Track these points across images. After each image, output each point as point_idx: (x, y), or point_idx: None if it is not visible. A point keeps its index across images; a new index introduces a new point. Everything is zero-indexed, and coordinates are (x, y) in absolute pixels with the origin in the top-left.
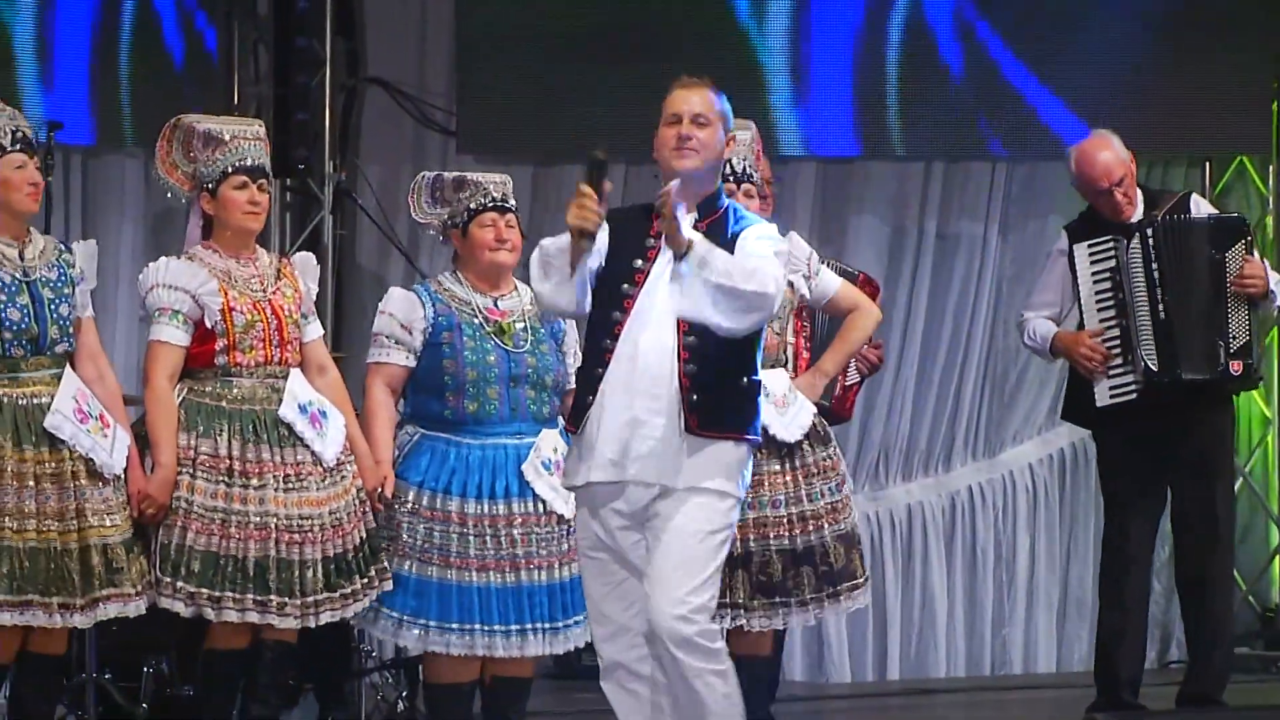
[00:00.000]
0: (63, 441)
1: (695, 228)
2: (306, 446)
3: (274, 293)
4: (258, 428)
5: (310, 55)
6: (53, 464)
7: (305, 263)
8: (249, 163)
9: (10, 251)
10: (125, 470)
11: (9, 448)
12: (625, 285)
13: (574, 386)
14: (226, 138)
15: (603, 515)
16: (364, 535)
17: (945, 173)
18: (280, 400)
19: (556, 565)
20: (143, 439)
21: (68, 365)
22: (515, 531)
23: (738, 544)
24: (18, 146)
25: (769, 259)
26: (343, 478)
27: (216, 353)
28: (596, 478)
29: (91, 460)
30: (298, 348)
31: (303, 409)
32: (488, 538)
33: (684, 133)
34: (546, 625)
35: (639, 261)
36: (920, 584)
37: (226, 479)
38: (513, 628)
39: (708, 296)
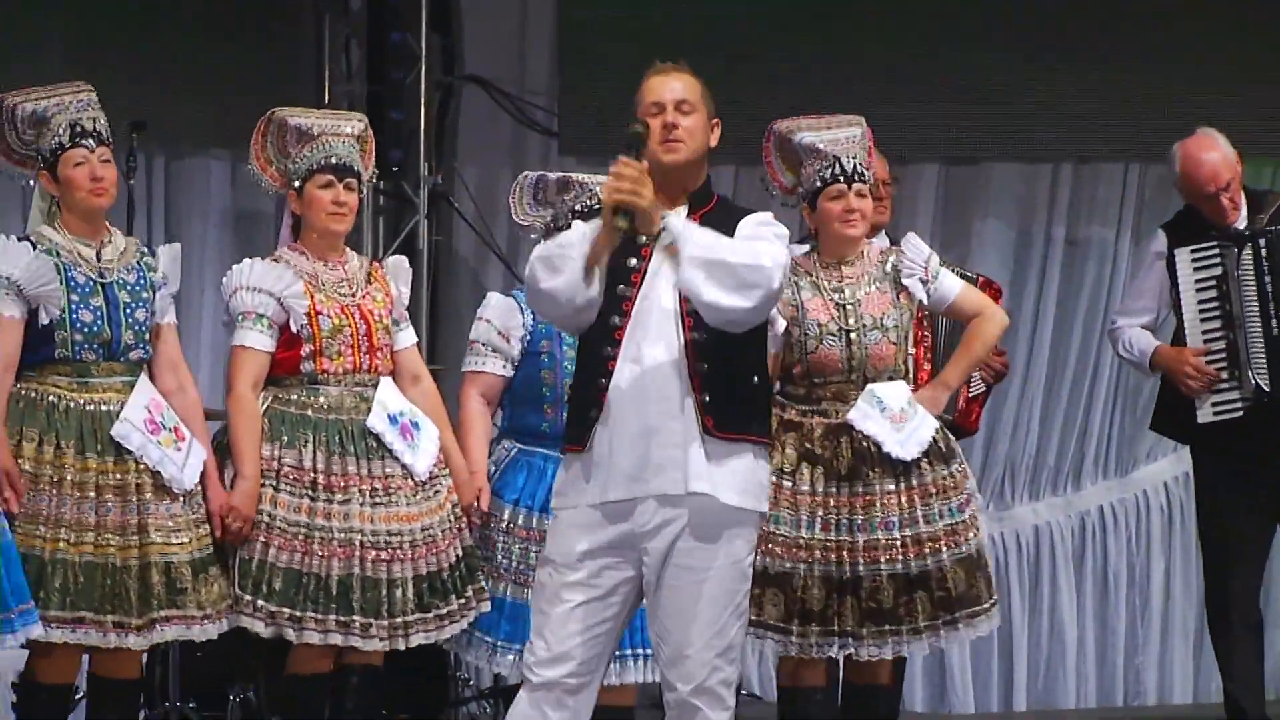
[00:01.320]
0: (129, 452)
1: (689, 219)
2: (396, 459)
3: (363, 297)
4: (344, 439)
5: (405, 51)
6: (117, 475)
7: (397, 266)
8: (335, 161)
9: (86, 251)
10: (203, 488)
11: (70, 455)
12: (621, 287)
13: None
14: (316, 133)
15: (593, 537)
16: (460, 553)
17: (1074, 174)
18: (369, 410)
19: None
20: (224, 449)
21: (143, 373)
22: None
23: (846, 568)
24: (77, 140)
25: (765, 238)
26: (436, 492)
27: (302, 359)
28: (615, 496)
29: (159, 473)
30: (388, 355)
31: (393, 419)
32: None
33: (670, 121)
34: (645, 651)
35: (633, 260)
36: (1048, 609)
37: (310, 492)
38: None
39: (698, 272)
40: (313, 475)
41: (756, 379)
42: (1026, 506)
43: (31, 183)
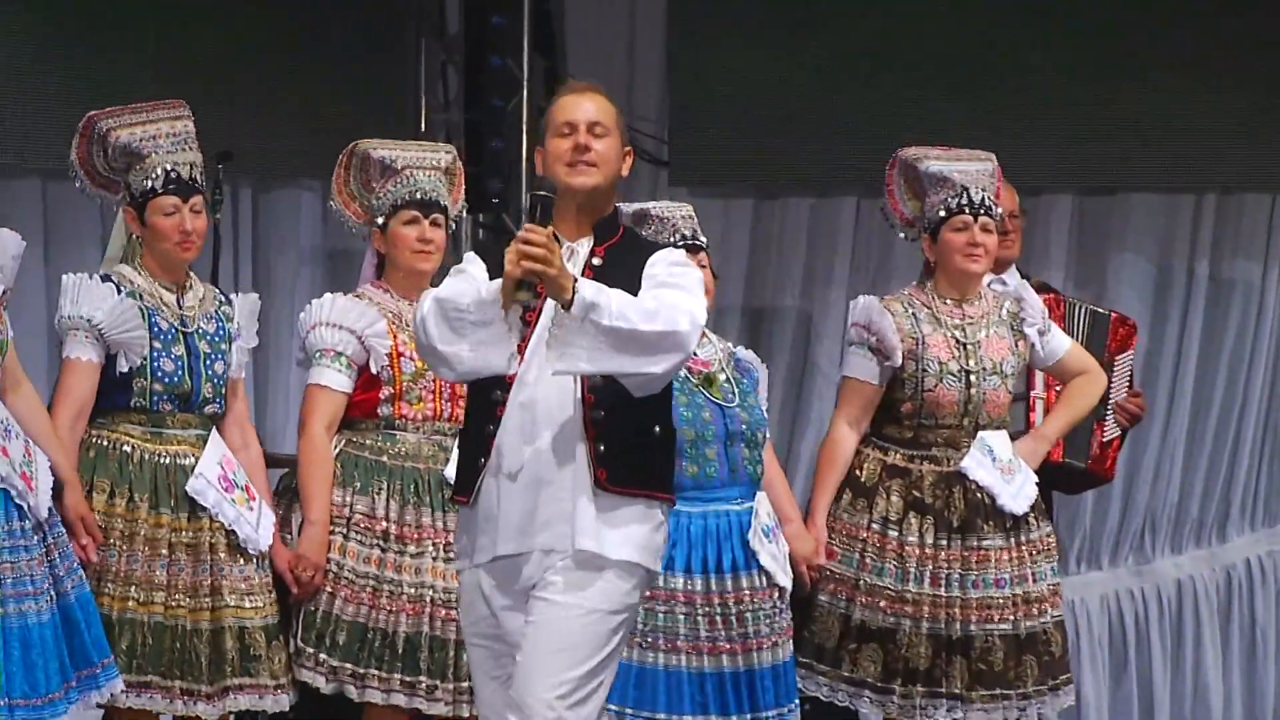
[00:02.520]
0: (203, 509)
1: (592, 253)
2: None
3: None
4: (420, 488)
5: (505, 76)
6: (190, 532)
7: None
8: (420, 195)
9: (169, 297)
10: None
11: (144, 510)
12: None
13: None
14: (399, 166)
15: (492, 596)
16: None
17: (1218, 205)
18: (447, 460)
19: (779, 644)
20: (291, 493)
21: (214, 429)
22: (745, 609)
23: (956, 626)
24: (171, 188)
25: (682, 290)
26: None
27: (380, 402)
28: (505, 550)
29: (234, 533)
30: None
31: None
32: (716, 617)
33: (582, 142)
34: (774, 713)
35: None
36: (1192, 669)
37: (381, 543)
38: (746, 718)
39: (603, 343)
40: (385, 525)
41: (659, 429)
42: (1168, 560)
43: (113, 207)
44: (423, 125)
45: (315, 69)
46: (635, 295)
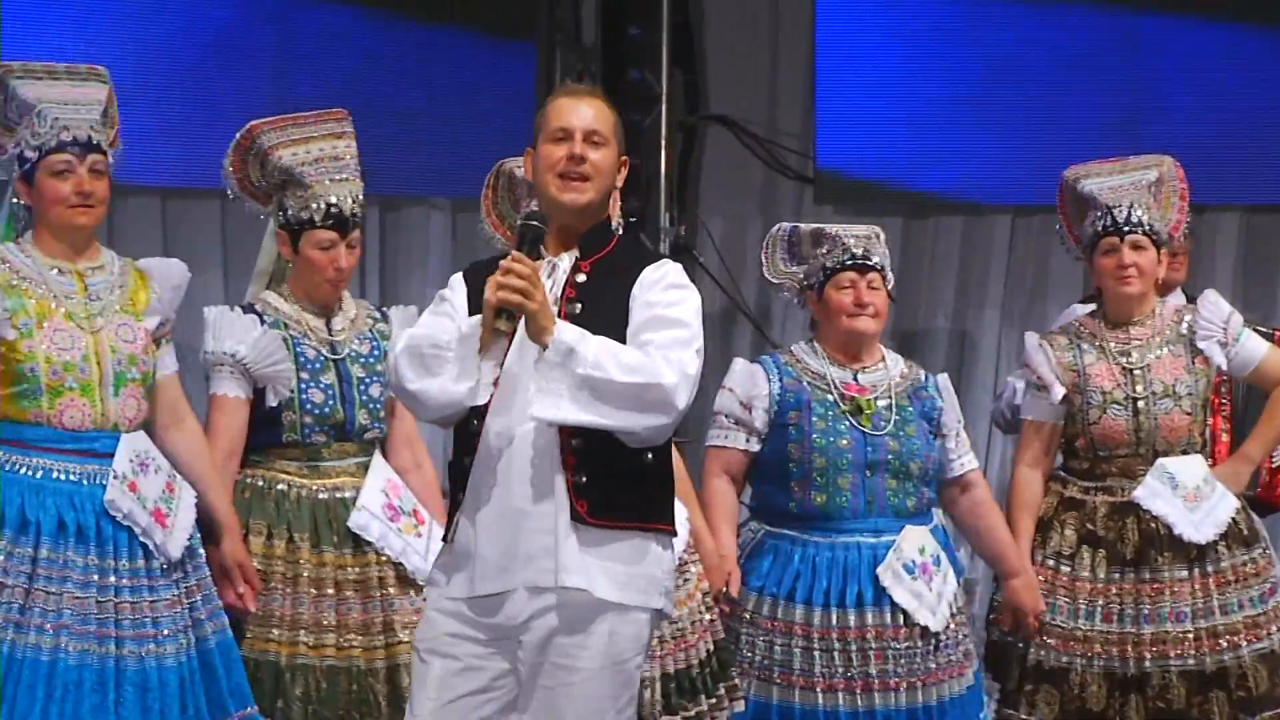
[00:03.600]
0: (369, 543)
1: (577, 267)
2: None
3: None
4: None
5: (644, 90)
6: (356, 569)
7: None
8: None
9: (316, 322)
10: None
11: (306, 550)
12: None
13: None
14: None
15: (464, 625)
16: (710, 648)
17: None
18: None
19: (919, 687)
20: None
21: (377, 453)
22: (869, 646)
23: (1131, 663)
24: (330, 223)
25: (675, 331)
26: (685, 580)
27: None
28: (485, 590)
29: (402, 565)
30: None
31: None
32: (836, 653)
33: (578, 152)
34: None
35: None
36: None
37: None
38: None
39: (580, 393)
40: None
41: (651, 455)
42: None
43: (262, 216)
44: None
45: (445, 81)
46: (619, 309)
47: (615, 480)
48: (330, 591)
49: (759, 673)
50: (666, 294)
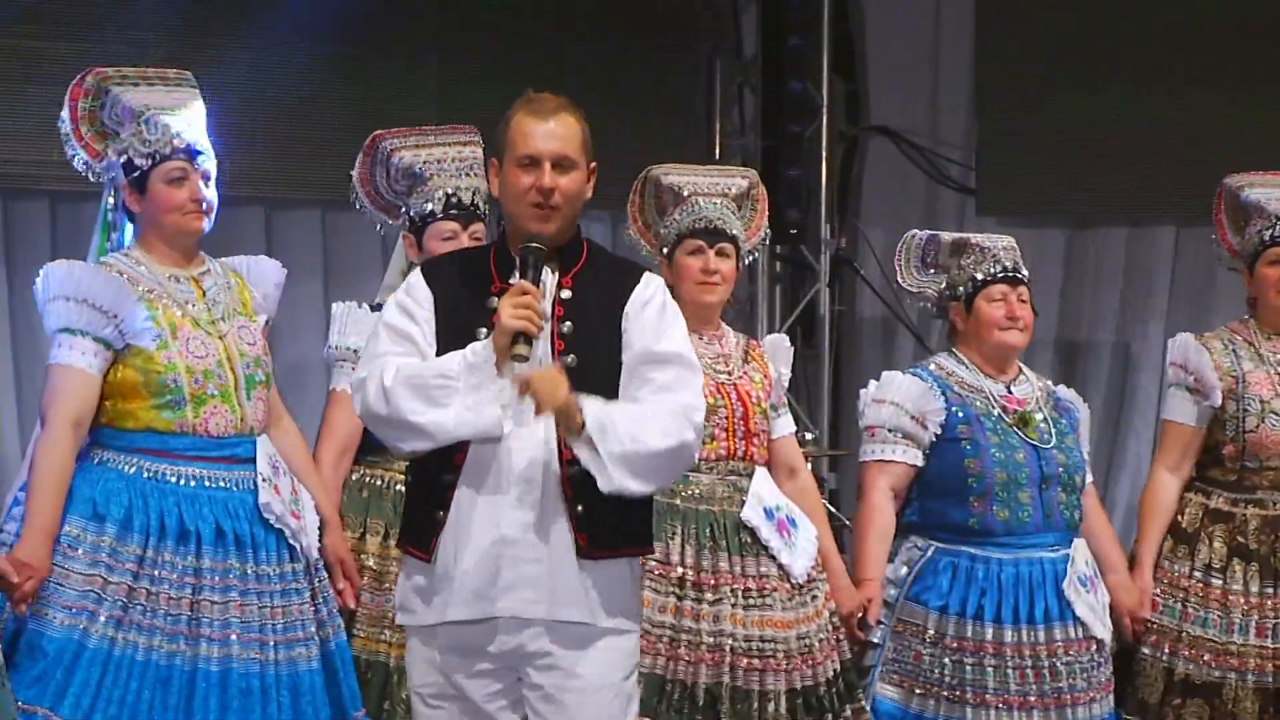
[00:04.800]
0: None
1: (561, 284)
2: (772, 558)
3: (740, 376)
4: (715, 532)
5: (804, 101)
6: None
7: (776, 346)
8: (704, 224)
9: None
10: None
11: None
12: None
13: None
14: (686, 194)
15: (446, 663)
16: (838, 668)
17: None
18: (743, 501)
19: (1098, 700)
20: None
21: None
22: (1059, 661)
23: (1271, 677)
24: (451, 213)
25: (681, 372)
26: (814, 598)
27: None
28: (457, 615)
29: None
30: (764, 443)
31: (769, 513)
32: (1028, 669)
33: (546, 185)
34: None
35: (484, 332)
36: None
37: (678, 590)
38: None
39: (620, 468)
40: (680, 572)
41: None
42: None
43: (380, 228)
44: (717, 152)
45: (604, 93)
46: (613, 327)
47: (611, 510)
48: None
49: (949, 693)
50: (662, 321)
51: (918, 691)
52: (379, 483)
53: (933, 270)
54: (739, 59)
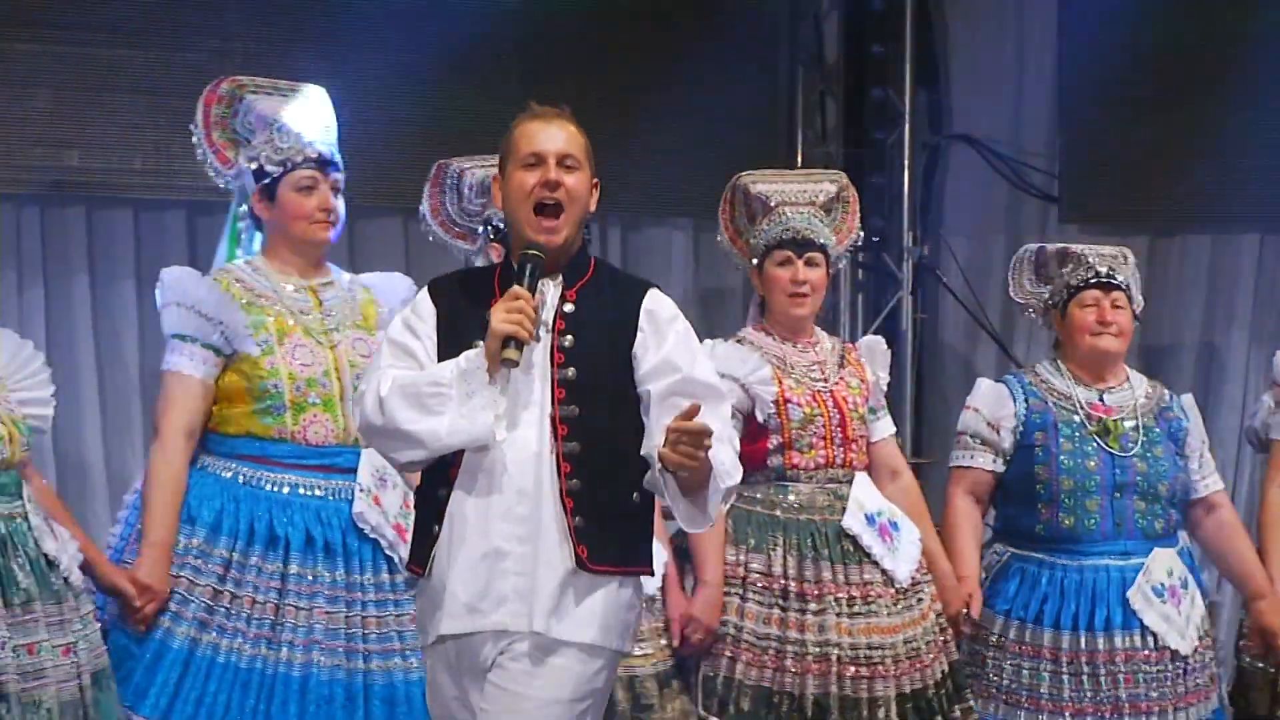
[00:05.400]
0: None
1: (564, 297)
2: (875, 564)
3: (837, 383)
4: (817, 542)
5: (887, 108)
6: None
7: (873, 348)
8: (791, 235)
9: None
10: (662, 593)
11: None
12: None
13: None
14: (773, 203)
15: (444, 683)
16: (945, 669)
17: None
18: (843, 509)
19: (1169, 710)
20: (682, 553)
21: None
22: (1119, 670)
23: None
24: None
25: (712, 402)
26: (919, 600)
27: (769, 452)
28: (449, 629)
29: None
30: (863, 448)
31: (870, 519)
32: (1084, 677)
33: (552, 178)
34: None
35: (482, 343)
36: None
37: (781, 601)
38: None
39: (702, 511)
40: (783, 583)
41: (637, 495)
42: None
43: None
44: (799, 159)
45: (686, 101)
46: (616, 342)
47: (611, 523)
48: None
49: (1006, 696)
50: (689, 348)
51: (983, 696)
52: None
53: (1043, 282)
54: (821, 66)
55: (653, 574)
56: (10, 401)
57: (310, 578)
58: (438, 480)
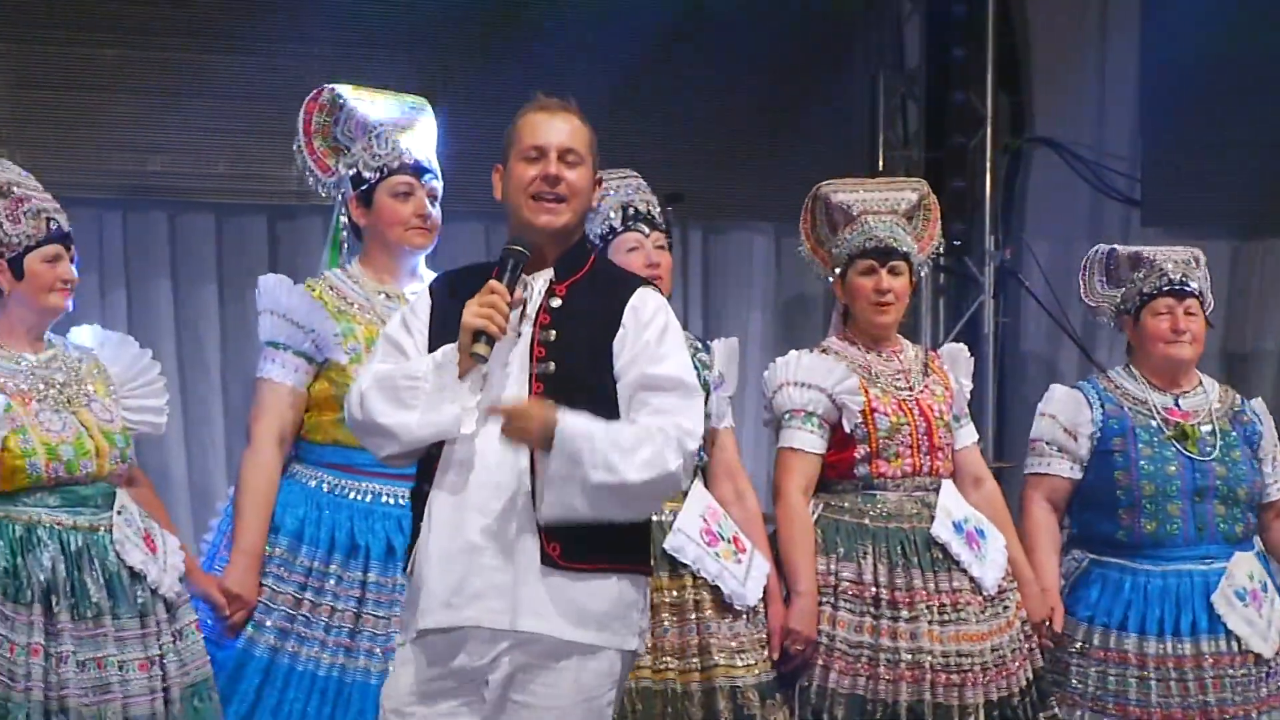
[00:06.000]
0: (685, 566)
1: (552, 291)
2: (963, 571)
3: (922, 391)
4: (906, 549)
5: (968, 113)
6: (673, 591)
7: (956, 355)
8: (874, 244)
9: None
10: (764, 604)
11: None
12: None
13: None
14: (855, 213)
15: (423, 674)
16: (1030, 677)
17: None
18: (931, 517)
19: (1254, 715)
20: (773, 563)
21: (698, 481)
22: (1206, 675)
23: None
24: (629, 225)
25: (672, 397)
26: (1005, 608)
27: (856, 462)
28: (427, 624)
29: (719, 589)
30: (949, 455)
31: (958, 527)
32: (1172, 682)
33: (553, 172)
34: None
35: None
36: None
37: (873, 609)
38: None
39: (586, 498)
40: (874, 590)
41: None
42: None
43: None
44: (880, 164)
45: (767, 105)
46: (600, 338)
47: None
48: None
49: (1092, 704)
50: (662, 345)
51: (1066, 702)
52: (657, 517)
53: (1114, 285)
54: (902, 71)
55: (648, 572)
56: (113, 411)
57: (389, 586)
58: (423, 477)
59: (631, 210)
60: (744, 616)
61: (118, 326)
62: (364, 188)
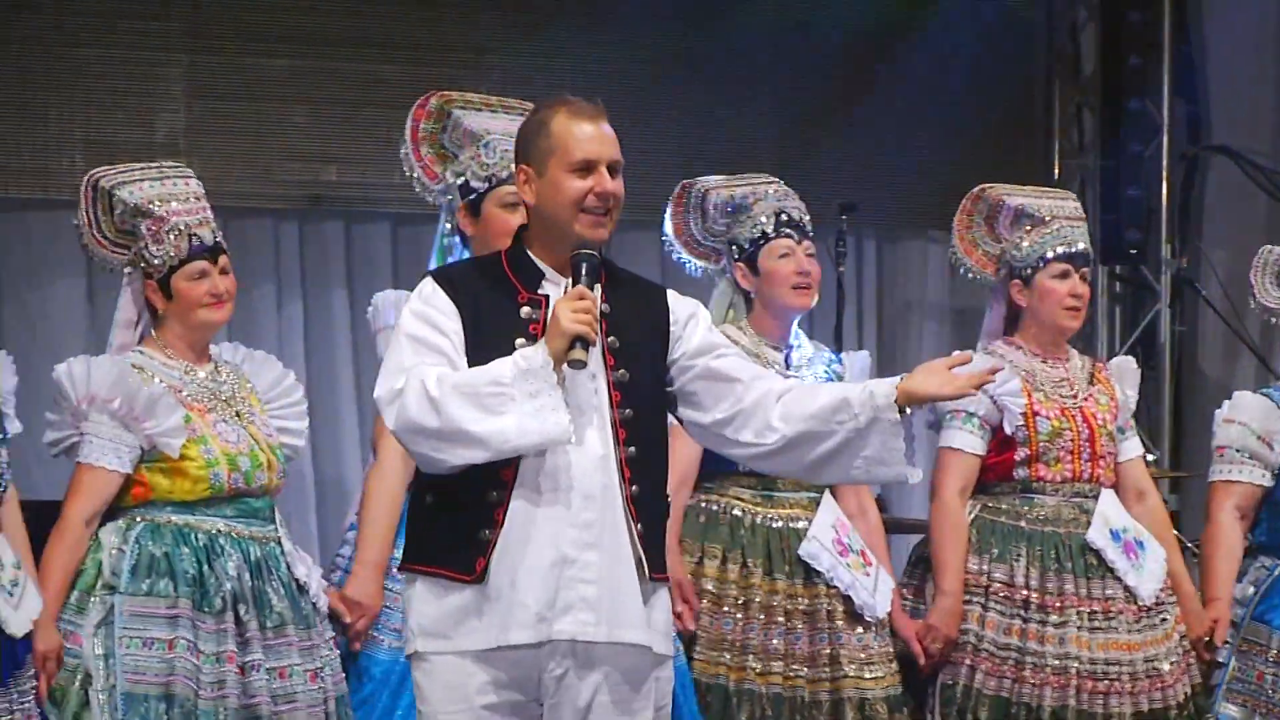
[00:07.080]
0: (818, 574)
1: (600, 298)
2: (1118, 580)
3: (1086, 399)
4: (1060, 554)
5: (1144, 120)
6: (806, 599)
7: (1123, 368)
8: (1073, 250)
9: (774, 354)
10: (889, 614)
11: (759, 576)
12: None
13: None
14: (1046, 217)
15: (483, 690)
16: (1189, 691)
17: None
18: (1089, 523)
19: None
20: (923, 562)
21: (827, 492)
22: None
23: None
24: (781, 231)
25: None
26: (1163, 620)
27: (1016, 464)
28: (519, 639)
29: (850, 599)
30: (1111, 465)
31: (1115, 535)
32: None
33: (610, 189)
34: None
35: (521, 342)
36: None
37: (1023, 612)
38: None
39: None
40: (1025, 594)
41: (667, 501)
42: None
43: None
44: (1055, 171)
45: (942, 113)
46: (650, 339)
47: (658, 528)
48: (780, 619)
49: (1247, 701)
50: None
51: (1260, 712)
52: (715, 508)
53: None
54: (1078, 78)
55: (667, 582)
56: (270, 426)
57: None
58: (485, 484)
59: (784, 217)
60: (873, 629)
61: (294, 337)
62: (472, 197)
